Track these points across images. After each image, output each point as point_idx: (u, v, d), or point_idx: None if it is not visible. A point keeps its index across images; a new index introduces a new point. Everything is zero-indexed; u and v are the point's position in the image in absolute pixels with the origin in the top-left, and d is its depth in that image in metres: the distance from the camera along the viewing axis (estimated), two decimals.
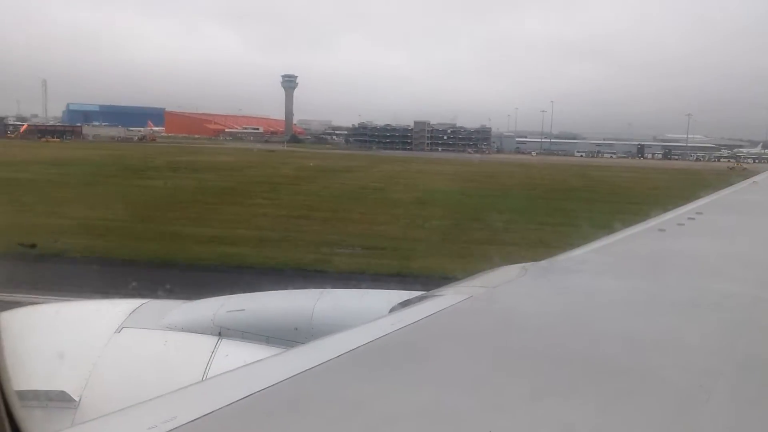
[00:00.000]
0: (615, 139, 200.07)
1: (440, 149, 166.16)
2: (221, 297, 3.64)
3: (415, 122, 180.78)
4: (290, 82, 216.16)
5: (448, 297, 2.82)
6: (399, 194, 43.44)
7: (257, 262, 21.74)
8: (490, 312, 2.75)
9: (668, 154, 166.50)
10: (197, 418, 1.54)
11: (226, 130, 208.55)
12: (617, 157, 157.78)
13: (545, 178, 64.83)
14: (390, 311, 2.90)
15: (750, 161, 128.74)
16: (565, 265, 3.64)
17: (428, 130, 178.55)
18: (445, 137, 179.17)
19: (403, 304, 2.91)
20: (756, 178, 11.19)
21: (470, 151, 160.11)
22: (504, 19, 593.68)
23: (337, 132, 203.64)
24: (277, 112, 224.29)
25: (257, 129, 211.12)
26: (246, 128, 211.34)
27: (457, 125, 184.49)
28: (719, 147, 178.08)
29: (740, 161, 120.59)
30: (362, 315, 2.91)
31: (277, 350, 2.93)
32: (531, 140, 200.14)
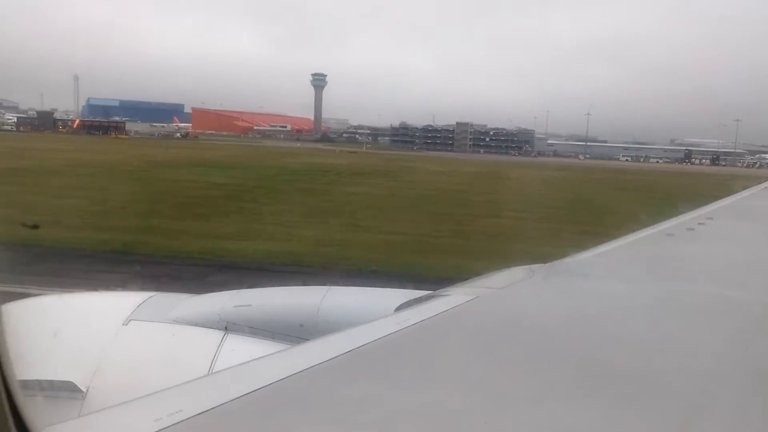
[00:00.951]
0: (634, 143, 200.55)
1: (482, 151, 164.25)
2: (228, 291, 3.69)
3: (457, 123, 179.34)
4: (320, 80, 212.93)
5: (454, 297, 2.84)
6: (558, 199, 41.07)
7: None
8: (496, 313, 2.76)
9: (716, 160, 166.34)
10: (202, 412, 1.55)
11: (255, 128, 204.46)
12: (664, 162, 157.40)
13: (658, 185, 60.71)
14: (396, 310, 2.87)
15: None
16: (572, 268, 3.66)
17: (470, 132, 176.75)
18: (487, 139, 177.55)
19: (409, 304, 2.94)
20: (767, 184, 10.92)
21: (514, 154, 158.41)
22: (528, 20, 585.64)
23: (359, 131, 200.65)
24: (292, 110, 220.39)
25: (285, 127, 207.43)
26: (274, 126, 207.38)
27: (498, 127, 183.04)
28: (745, 152, 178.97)
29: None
30: (368, 313, 2.91)
31: (283, 346, 2.91)
32: (557, 142, 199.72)
